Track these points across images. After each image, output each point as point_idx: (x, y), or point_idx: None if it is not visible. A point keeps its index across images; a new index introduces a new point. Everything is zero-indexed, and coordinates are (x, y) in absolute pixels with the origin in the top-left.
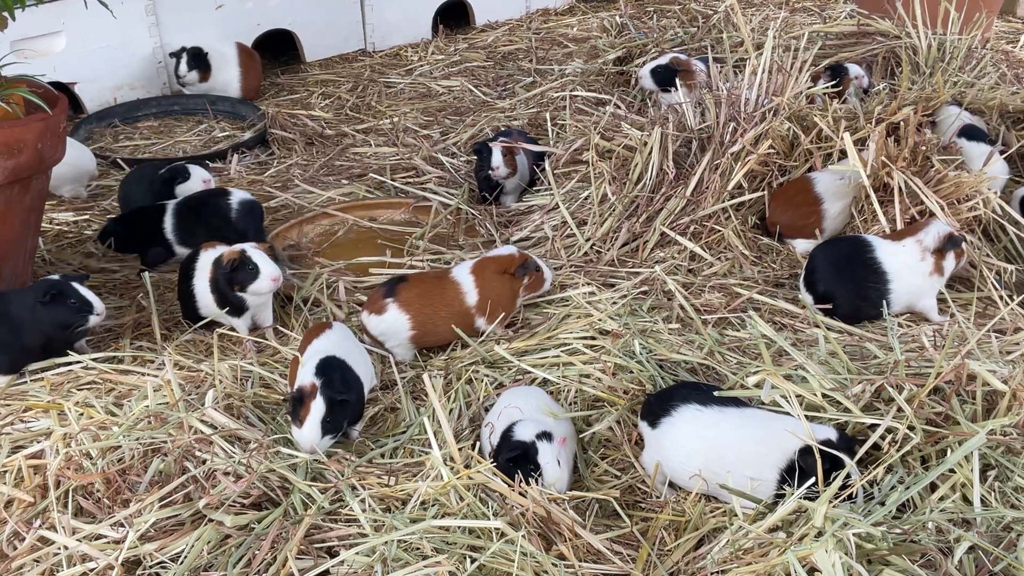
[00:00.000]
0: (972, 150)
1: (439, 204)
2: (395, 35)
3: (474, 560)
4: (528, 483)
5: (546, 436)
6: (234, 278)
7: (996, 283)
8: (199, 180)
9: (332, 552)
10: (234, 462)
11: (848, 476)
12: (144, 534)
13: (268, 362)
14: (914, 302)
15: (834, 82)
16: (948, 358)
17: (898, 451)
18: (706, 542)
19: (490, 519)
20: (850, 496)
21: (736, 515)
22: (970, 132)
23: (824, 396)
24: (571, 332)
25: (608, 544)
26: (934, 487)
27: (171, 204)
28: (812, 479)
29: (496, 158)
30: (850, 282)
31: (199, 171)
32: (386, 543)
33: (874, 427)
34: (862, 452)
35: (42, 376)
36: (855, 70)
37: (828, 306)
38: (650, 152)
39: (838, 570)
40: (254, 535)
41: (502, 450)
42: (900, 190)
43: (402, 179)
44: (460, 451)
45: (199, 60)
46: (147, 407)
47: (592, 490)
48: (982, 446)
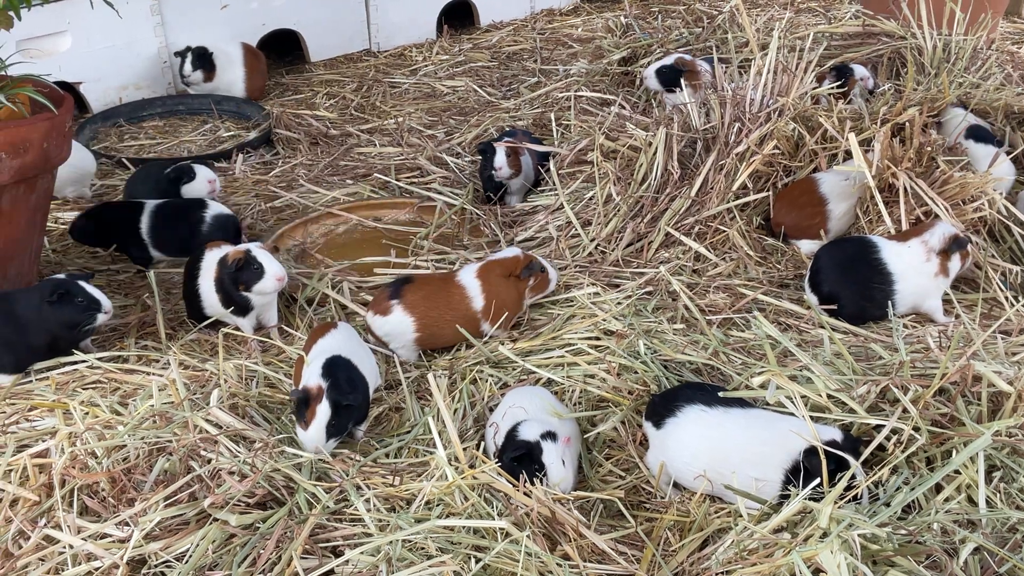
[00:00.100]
0: (979, 151)
1: (443, 204)
2: (399, 35)
3: (479, 560)
4: (533, 483)
5: (551, 436)
6: (239, 278)
7: (1001, 284)
8: (204, 180)
9: (337, 552)
10: (239, 461)
11: (853, 477)
12: (149, 533)
13: (273, 362)
14: (919, 303)
15: (839, 83)
16: (953, 359)
17: (903, 452)
18: (711, 543)
19: (495, 519)
20: (855, 497)
21: (741, 516)
22: (977, 133)
23: (829, 397)
24: (576, 332)
25: (612, 544)
26: (939, 488)
27: (148, 205)
28: (817, 480)
29: (499, 158)
30: (855, 283)
31: (204, 171)
32: (391, 543)
33: (879, 428)
34: (867, 453)
35: (47, 375)
36: (860, 71)
37: (833, 307)
38: (655, 152)
39: (843, 571)
40: (259, 534)
41: (507, 450)
42: (905, 191)
43: (407, 179)
44: (465, 451)
45: (204, 60)
46: (152, 406)
47: (597, 490)
48: (987, 447)
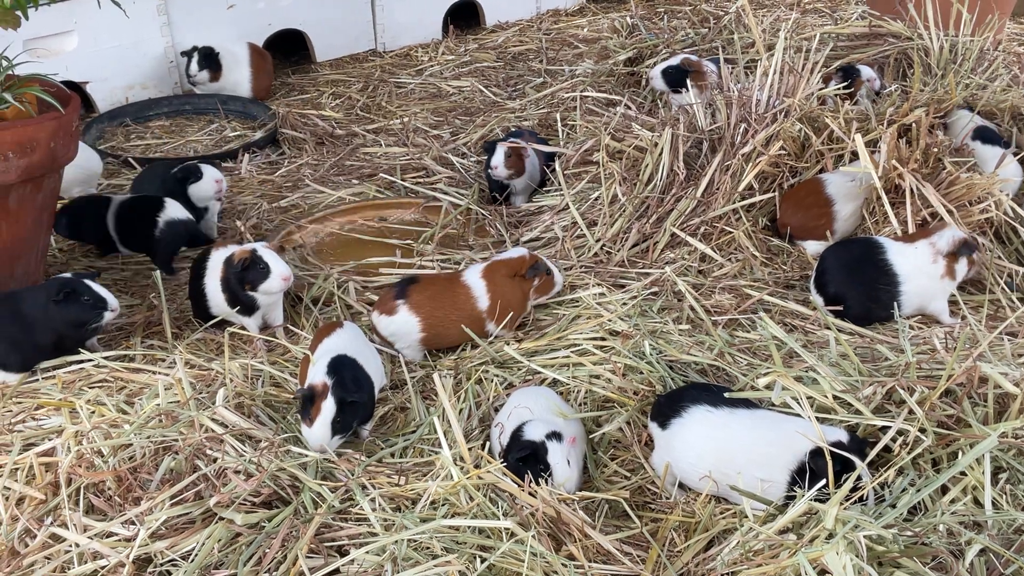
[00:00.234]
0: (986, 152)
1: (449, 204)
2: (405, 35)
3: (484, 560)
4: (538, 483)
5: (556, 436)
6: (245, 277)
7: (1008, 285)
8: (211, 180)
9: (342, 551)
10: (245, 461)
11: (859, 478)
12: (155, 532)
13: (279, 361)
14: (925, 304)
15: (845, 83)
16: (960, 360)
17: (909, 453)
18: (716, 543)
19: (500, 519)
20: (861, 498)
21: (746, 517)
22: (984, 134)
23: (835, 398)
24: (581, 333)
25: (618, 545)
26: (945, 489)
27: (115, 201)
28: (823, 481)
29: (496, 157)
30: (861, 284)
31: (211, 171)
32: (396, 542)
33: (885, 429)
34: (873, 454)
35: (54, 374)
36: (867, 72)
37: (839, 307)
38: (661, 153)
39: (849, 572)
40: (264, 534)
41: (512, 450)
42: (911, 192)
43: (412, 179)
44: (470, 451)
45: (210, 60)
46: (158, 405)
47: (602, 491)
48: (993, 448)
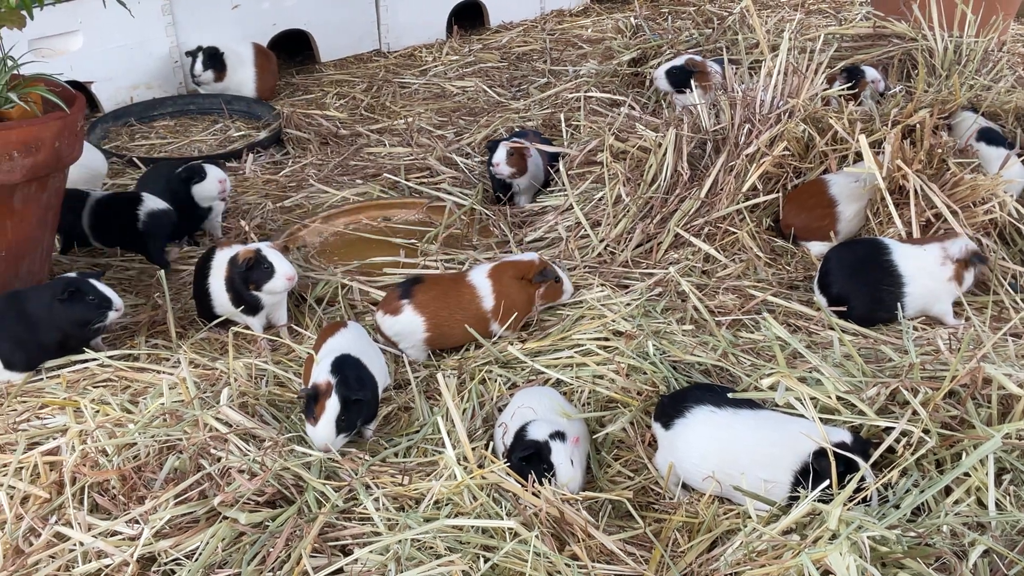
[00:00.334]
0: (990, 154)
1: (453, 204)
2: (409, 35)
3: (487, 560)
4: (541, 483)
5: (559, 436)
6: (249, 277)
7: (1012, 287)
8: (215, 180)
9: (346, 550)
10: (249, 460)
11: (862, 479)
12: (159, 531)
13: (283, 360)
14: (929, 306)
15: (850, 84)
16: (963, 361)
17: (913, 454)
18: (719, 544)
19: (503, 519)
20: (864, 499)
21: (750, 517)
22: (988, 136)
23: (839, 399)
24: (585, 333)
25: (621, 545)
26: (949, 490)
27: (91, 197)
28: (826, 481)
29: (499, 155)
30: (865, 285)
31: (215, 171)
32: (400, 542)
33: (889, 430)
34: (877, 455)
35: (58, 373)
36: (871, 73)
37: (843, 308)
38: (664, 153)
39: (852, 573)
40: (268, 533)
41: (515, 450)
42: (916, 193)
43: (416, 179)
44: (473, 451)
45: (215, 60)
46: (162, 405)
47: (605, 491)
48: (997, 450)
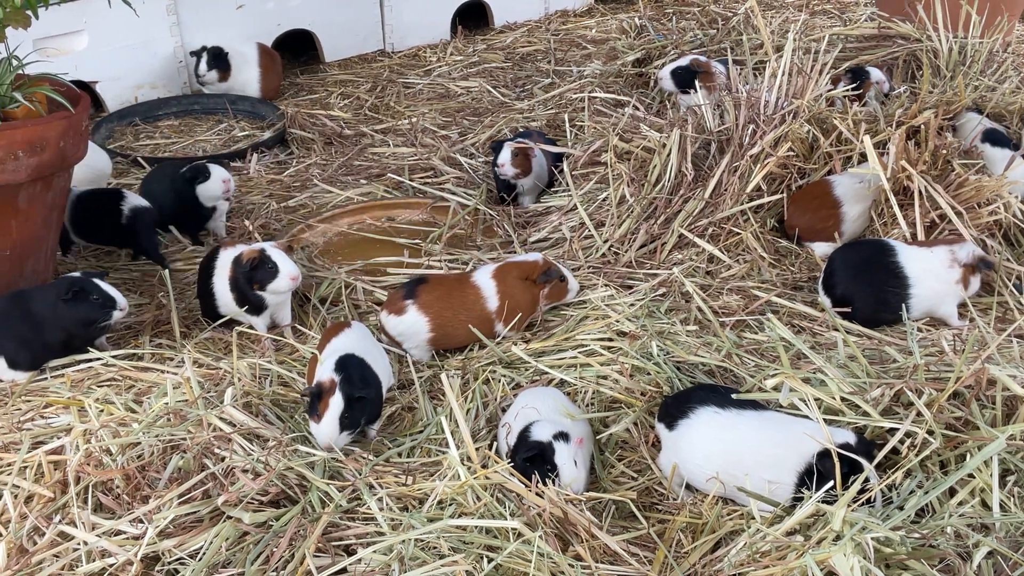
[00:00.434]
0: (995, 155)
1: (457, 204)
2: (414, 36)
3: (491, 560)
4: (545, 483)
5: (563, 437)
6: (254, 276)
7: (1017, 288)
8: (219, 179)
9: (350, 550)
10: (252, 459)
11: (867, 480)
12: (163, 530)
13: (286, 360)
14: (935, 308)
15: (854, 85)
16: (968, 362)
17: (917, 455)
18: (723, 545)
19: (507, 519)
20: (868, 500)
21: (754, 518)
22: (993, 137)
23: (843, 400)
24: (589, 333)
25: (625, 546)
26: (953, 492)
27: (73, 193)
28: (830, 483)
29: (503, 156)
30: (869, 286)
31: (219, 170)
32: (403, 542)
33: (893, 431)
34: (881, 456)
35: (63, 373)
36: (876, 74)
37: (847, 309)
38: (669, 154)
39: (856, 574)
40: (272, 532)
41: (519, 450)
42: (920, 194)
43: (420, 179)
44: (477, 451)
45: (219, 60)
46: (166, 404)
47: (609, 491)
48: (1001, 451)
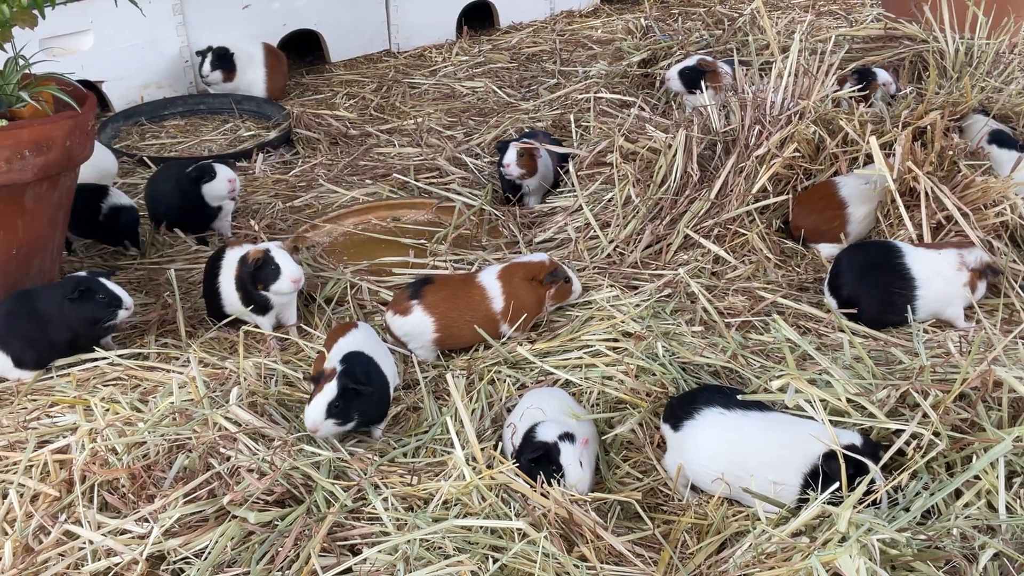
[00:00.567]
0: (1001, 156)
1: (462, 205)
2: (419, 36)
3: (496, 560)
4: (550, 484)
5: (568, 437)
6: (258, 276)
7: (1023, 289)
8: (225, 179)
9: (355, 550)
10: (258, 459)
11: (872, 481)
12: (168, 529)
13: (292, 360)
14: (941, 309)
15: (860, 85)
16: (974, 364)
17: (923, 457)
18: (728, 546)
19: (512, 519)
20: (874, 502)
21: (759, 519)
22: (999, 138)
23: (849, 401)
24: (594, 334)
25: (630, 546)
26: (959, 493)
27: None
28: (836, 484)
29: (509, 156)
30: (876, 287)
31: (225, 170)
32: (408, 542)
33: (899, 433)
34: (887, 458)
35: (68, 372)
36: (883, 76)
37: (853, 310)
38: (674, 154)
39: (862, 575)
40: (277, 532)
41: (524, 451)
42: (926, 195)
43: (426, 179)
44: (482, 451)
45: (224, 60)
46: (172, 404)
47: (614, 492)
48: (1008, 453)
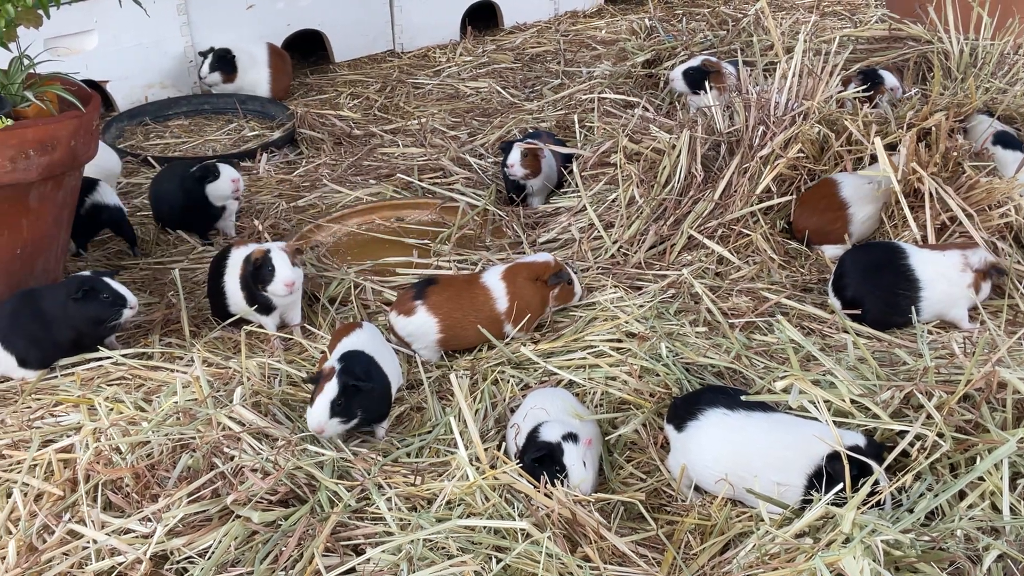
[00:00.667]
0: (1006, 157)
1: (466, 205)
2: (423, 36)
3: (499, 560)
4: (554, 484)
5: (572, 437)
6: (256, 276)
7: None
8: (229, 179)
9: (358, 550)
10: (262, 459)
11: (876, 483)
12: (172, 529)
13: (296, 360)
14: (945, 311)
15: (865, 86)
16: (978, 365)
17: (927, 458)
18: (732, 547)
19: (515, 520)
20: (878, 503)
21: (763, 520)
22: (1004, 139)
23: (852, 402)
24: (598, 334)
25: (633, 547)
26: (963, 495)
27: None
28: (840, 485)
29: (513, 156)
30: (880, 288)
31: (229, 170)
32: (412, 542)
33: (903, 434)
34: (891, 459)
35: (72, 371)
36: (891, 81)
37: (857, 311)
38: (678, 155)
39: None
40: (281, 532)
41: (528, 451)
42: (931, 196)
43: (429, 179)
44: (486, 451)
45: (223, 62)
46: (176, 403)
47: (617, 492)
48: (1012, 454)
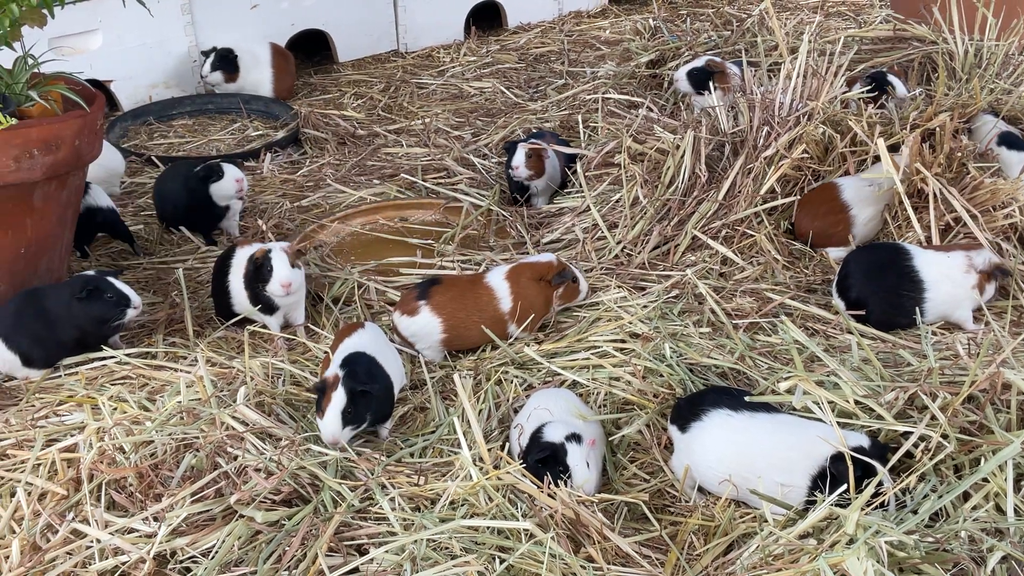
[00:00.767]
0: (1010, 158)
1: (470, 205)
2: (427, 36)
3: (503, 560)
4: (557, 485)
5: (575, 438)
6: (256, 276)
7: None
8: (233, 179)
9: (362, 550)
10: (265, 459)
11: (880, 484)
12: (175, 528)
13: (299, 360)
14: (950, 312)
15: (870, 87)
16: (983, 366)
17: (931, 459)
18: (736, 547)
19: (519, 520)
20: (882, 504)
21: (766, 521)
22: (1008, 140)
23: (856, 403)
24: (601, 335)
25: (637, 547)
26: (967, 496)
27: None
28: (844, 486)
29: (518, 157)
30: (884, 289)
31: (233, 170)
32: (415, 542)
33: (907, 435)
34: (895, 460)
35: (76, 370)
36: (901, 90)
37: (861, 312)
38: (682, 155)
39: None
40: (284, 531)
41: (531, 451)
42: (935, 196)
43: (433, 180)
44: (489, 452)
45: (224, 62)
46: (179, 403)
47: (621, 493)
48: (1016, 455)
